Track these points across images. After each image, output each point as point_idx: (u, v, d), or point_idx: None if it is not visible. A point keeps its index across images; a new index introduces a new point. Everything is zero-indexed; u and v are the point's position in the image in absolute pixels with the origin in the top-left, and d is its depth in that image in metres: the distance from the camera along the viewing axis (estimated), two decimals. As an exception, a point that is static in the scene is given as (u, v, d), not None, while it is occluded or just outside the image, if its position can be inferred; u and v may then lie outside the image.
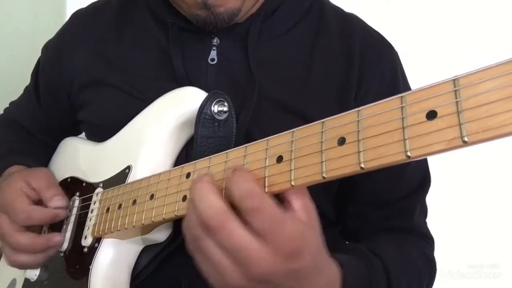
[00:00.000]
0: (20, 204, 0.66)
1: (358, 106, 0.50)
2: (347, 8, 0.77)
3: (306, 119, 0.66)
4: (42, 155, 0.85)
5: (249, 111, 0.64)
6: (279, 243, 0.40)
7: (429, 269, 0.69)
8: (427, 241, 0.72)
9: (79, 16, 0.82)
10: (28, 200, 0.67)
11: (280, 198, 0.45)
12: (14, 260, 0.66)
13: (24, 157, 0.80)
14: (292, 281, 0.43)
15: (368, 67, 0.69)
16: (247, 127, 0.64)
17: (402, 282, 0.62)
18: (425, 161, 0.73)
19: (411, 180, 0.70)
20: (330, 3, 0.77)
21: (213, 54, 0.69)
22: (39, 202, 0.68)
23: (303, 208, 0.44)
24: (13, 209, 0.65)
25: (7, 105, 0.93)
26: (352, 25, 0.73)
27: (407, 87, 0.74)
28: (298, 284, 0.44)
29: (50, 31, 0.85)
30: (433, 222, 0.75)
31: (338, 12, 0.75)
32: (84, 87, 0.76)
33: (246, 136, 0.63)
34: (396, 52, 0.74)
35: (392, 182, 0.68)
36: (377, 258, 0.61)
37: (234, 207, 0.42)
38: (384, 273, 0.60)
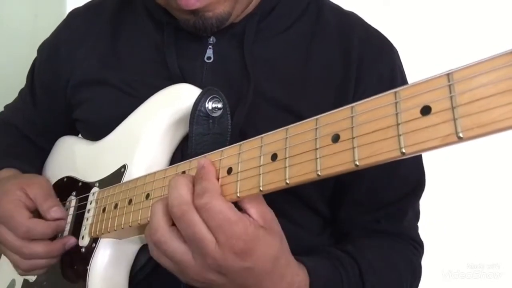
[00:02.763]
0: (19, 217, 0.65)
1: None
2: (346, 8, 0.76)
3: (302, 119, 0.65)
4: (36, 160, 0.84)
5: (243, 109, 0.63)
6: (229, 241, 0.45)
7: (411, 275, 0.68)
8: (415, 246, 0.71)
9: (75, 15, 0.82)
10: (27, 212, 0.66)
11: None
12: (29, 267, 0.66)
13: (16, 161, 0.79)
14: (249, 279, 0.47)
15: (366, 67, 0.68)
16: (241, 125, 0.63)
17: None
18: (420, 164, 0.71)
19: (404, 184, 0.69)
20: (328, 1, 0.76)
21: (209, 52, 0.68)
22: (36, 211, 0.67)
23: (259, 214, 0.48)
24: (13, 222, 0.65)
25: (7, 103, 0.92)
26: (351, 23, 0.72)
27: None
28: (255, 283, 0.48)
29: (50, 31, 0.85)
30: (433, 222, 0.75)
31: (337, 10, 0.74)
32: (80, 85, 0.75)
33: (240, 135, 0.63)
34: (396, 51, 0.73)
35: (384, 185, 0.67)
36: (354, 264, 0.61)
37: None
38: (360, 280, 0.60)
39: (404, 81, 0.73)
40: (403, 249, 0.69)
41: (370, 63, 0.68)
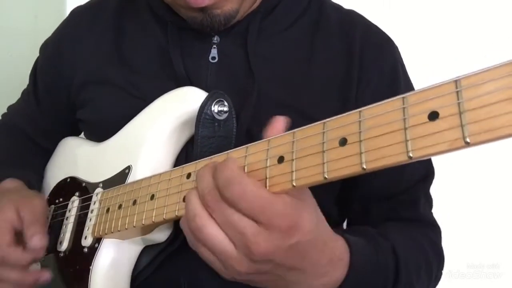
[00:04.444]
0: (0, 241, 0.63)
1: (359, 103, 0.50)
2: (347, 7, 0.77)
3: (307, 117, 0.66)
4: (40, 162, 0.84)
5: (249, 109, 0.64)
6: (273, 221, 0.42)
7: (437, 256, 0.68)
8: (435, 230, 0.72)
9: (77, 13, 0.82)
10: (9, 238, 0.63)
11: None
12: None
13: (21, 169, 0.77)
14: (294, 259, 0.45)
15: (368, 63, 0.68)
16: (247, 126, 0.63)
17: (411, 266, 0.61)
18: None
19: (413, 172, 0.70)
20: (329, 0, 0.76)
21: (214, 52, 0.69)
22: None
23: None
24: None
25: (7, 104, 0.92)
26: (352, 21, 0.73)
27: (407, 82, 0.73)
28: (301, 260, 0.45)
29: (50, 31, 0.85)
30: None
31: (338, 9, 0.75)
32: (83, 85, 0.75)
33: (247, 135, 0.63)
34: (396, 47, 0.74)
35: (393, 176, 0.67)
36: (385, 240, 0.60)
37: None
38: (393, 255, 0.60)
39: (405, 77, 0.73)
40: (425, 232, 0.69)
41: (372, 60, 0.69)
